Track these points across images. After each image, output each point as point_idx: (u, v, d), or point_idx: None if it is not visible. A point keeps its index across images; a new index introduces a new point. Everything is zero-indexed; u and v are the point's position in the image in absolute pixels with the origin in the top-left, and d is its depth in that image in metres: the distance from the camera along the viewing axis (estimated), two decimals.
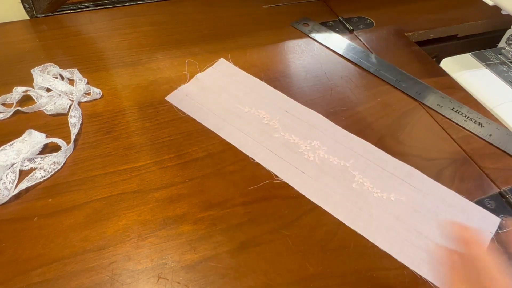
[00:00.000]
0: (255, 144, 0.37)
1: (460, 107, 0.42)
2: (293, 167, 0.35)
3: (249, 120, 0.39)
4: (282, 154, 0.36)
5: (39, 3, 0.53)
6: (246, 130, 0.38)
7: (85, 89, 0.42)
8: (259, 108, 0.40)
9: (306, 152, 0.36)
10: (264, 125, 0.39)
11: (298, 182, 0.34)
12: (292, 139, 0.37)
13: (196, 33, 0.53)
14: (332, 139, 0.37)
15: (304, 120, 0.39)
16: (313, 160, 0.35)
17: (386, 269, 0.29)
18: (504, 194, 0.34)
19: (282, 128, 0.38)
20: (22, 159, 0.34)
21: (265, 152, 0.36)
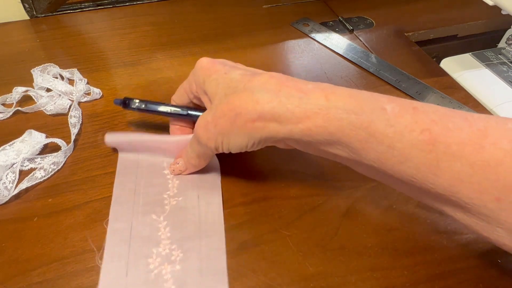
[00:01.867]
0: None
1: (460, 107, 0.42)
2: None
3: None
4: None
5: (39, 3, 0.54)
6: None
7: (85, 89, 0.42)
8: None
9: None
10: None
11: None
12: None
13: (196, 33, 0.53)
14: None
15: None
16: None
17: (386, 269, 0.29)
18: None
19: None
20: (22, 159, 0.34)
21: None
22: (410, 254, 0.29)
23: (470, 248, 0.30)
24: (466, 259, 0.29)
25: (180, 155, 0.33)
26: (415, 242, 0.30)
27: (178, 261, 0.28)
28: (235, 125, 0.25)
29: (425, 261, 0.29)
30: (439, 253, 0.30)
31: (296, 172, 0.35)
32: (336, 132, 0.23)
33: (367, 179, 0.35)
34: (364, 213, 0.32)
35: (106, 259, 0.28)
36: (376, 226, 0.31)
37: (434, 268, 0.29)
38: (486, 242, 0.30)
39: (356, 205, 0.33)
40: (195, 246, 0.28)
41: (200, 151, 0.30)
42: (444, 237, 0.31)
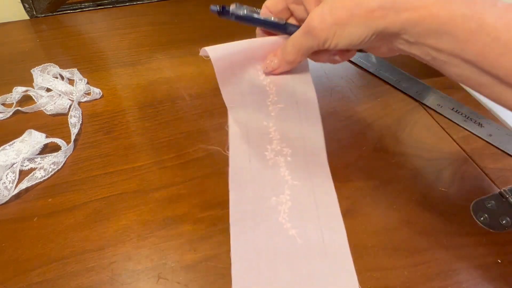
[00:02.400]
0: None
1: (460, 107, 0.42)
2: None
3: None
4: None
5: (39, 3, 0.54)
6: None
7: (85, 89, 0.42)
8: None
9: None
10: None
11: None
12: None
13: (196, 33, 0.53)
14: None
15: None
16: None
17: (386, 269, 0.29)
18: (504, 194, 0.34)
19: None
20: (22, 159, 0.34)
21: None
22: (410, 254, 0.29)
23: (470, 248, 0.30)
24: (466, 259, 0.29)
25: (275, 53, 0.33)
26: (415, 242, 0.30)
27: (289, 154, 0.33)
28: (354, 14, 0.26)
29: (425, 261, 0.29)
30: (439, 253, 0.30)
31: None
32: (448, 21, 0.24)
33: (367, 179, 0.35)
34: (364, 213, 0.32)
35: (232, 149, 0.33)
36: (376, 226, 0.31)
37: (434, 268, 0.29)
38: (486, 243, 0.30)
39: (356, 205, 0.33)
40: (300, 144, 0.34)
41: (303, 45, 0.30)
42: (444, 237, 0.31)
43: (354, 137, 0.39)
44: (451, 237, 0.31)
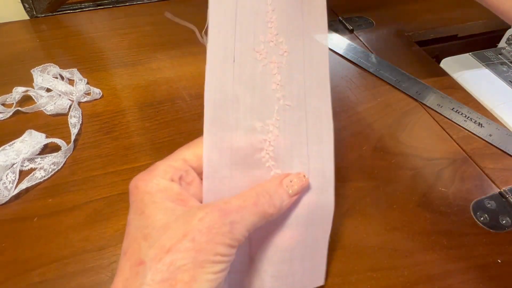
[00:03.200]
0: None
1: (460, 107, 0.42)
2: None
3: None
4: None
5: (39, 3, 0.54)
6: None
7: (85, 89, 0.42)
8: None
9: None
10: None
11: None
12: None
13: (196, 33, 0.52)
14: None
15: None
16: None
17: (386, 269, 0.29)
18: (504, 194, 0.34)
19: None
20: (22, 159, 0.34)
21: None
22: (410, 254, 0.29)
23: (470, 248, 0.30)
24: (466, 259, 0.29)
25: None
26: (415, 242, 0.30)
27: (285, 56, 0.25)
28: None
29: (425, 261, 0.29)
30: (439, 253, 0.30)
31: None
32: None
33: (367, 179, 0.35)
34: (364, 213, 0.32)
35: (212, 35, 0.24)
36: (376, 226, 0.31)
37: (434, 268, 0.29)
38: (486, 243, 0.30)
39: (356, 205, 0.33)
40: (299, 44, 0.26)
41: None
42: (444, 237, 0.31)
43: (354, 137, 0.39)
44: (451, 237, 0.31)
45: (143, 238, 0.20)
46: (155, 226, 0.20)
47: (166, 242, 0.19)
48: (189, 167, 0.23)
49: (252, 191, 0.22)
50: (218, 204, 0.21)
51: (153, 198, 0.21)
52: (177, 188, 0.22)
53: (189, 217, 0.20)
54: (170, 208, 0.20)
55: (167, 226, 0.20)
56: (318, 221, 0.26)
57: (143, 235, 0.20)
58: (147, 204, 0.21)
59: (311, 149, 0.25)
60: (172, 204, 0.21)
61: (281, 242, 0.25)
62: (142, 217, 0.20)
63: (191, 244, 0.19)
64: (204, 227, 0.19)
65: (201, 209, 0.20)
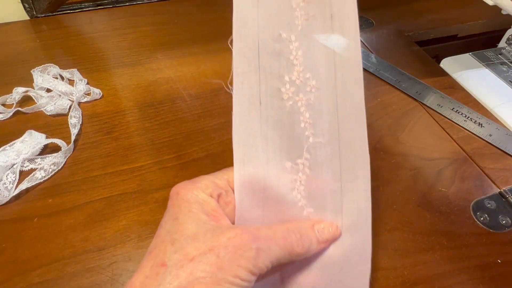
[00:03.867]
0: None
1: (460, 107, 0.42)
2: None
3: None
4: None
5: (39, 3, 0.54)
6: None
7: (85, 89, 0.42)
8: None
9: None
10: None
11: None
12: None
13: (196, 33, 0.53)
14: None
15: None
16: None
17: (386, 269, 0.29)
18: (504, 194, 0.34)
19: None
20: (22, 159, 0.34)
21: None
22: (410, 254, 0.29)
23: (470, 248, 0.30)
24: (466, 259, 0.29)
25: None
26: (415, 242, 0.30)
27: (313, 92, 0.24)
28: None
29: (425, 261, 0.29)
30: (439, 253, 0.30)
31: None
32: None
33: None
34: None
35: (237, 85, 0.24)
36: (376, 226, 0.31)
37: (434, 268, 0.29)
38: (486, 243, 0.30)
39: None
40: (330, 76, 0.24)
41: None
42: (444, 237, 0.31)
43: None
44: (451, 237, 0.31)
45: (171, 242, 0.20)
46: (184, 233, 0.20)
47: (192, 251, 0.19)
48: (230, 188, 0.24)
49: (284, 226, 0.23)
50: (249, 229, 0.21)
51: (190, 207, 0.22)
52: (214, 204, 0.22)
53: (219, 233, 0.20)
54: (203, 220, 0.21)
55: (196, 236, 0.20)
56: (354, 262, 0.25)
57: (172, 240, 0.20)
58: (183, 211, 0.21)
59: (345, 186, 0.25)
60: (206, 217, 0.21)
61: (314, 283, 0.25)
62: (175, 222, 0.21)
63: (214, 259, 0.19)
64: (231, 246, 0.20)
65: (232, 229, 0.21)
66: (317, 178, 0.24)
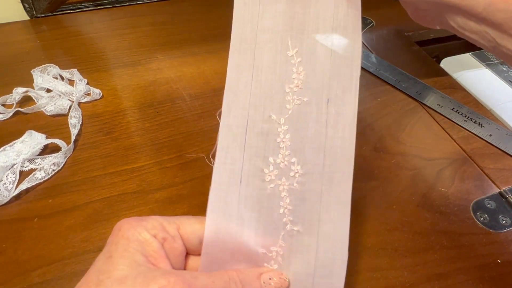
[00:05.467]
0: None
1: (460, 107, 0.42)
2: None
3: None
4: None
5: (39, 3, 0.54)
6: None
7: (85, 89, 0.42)
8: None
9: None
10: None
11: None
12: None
13: (196, 33, 0.53)
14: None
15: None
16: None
17: (386, 269, 0.29)
18: (504, 194, 0.34)
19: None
20: (22, 159, 0.34)
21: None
22: (410, 254, 0.29)
23: (470, 248, 0.30)
24: (466, 259, 0.29)
25: None
26: (415, 242, 0.30)
27: (297, 177, 0.24)
28: None
29: (425, 261, 0.29)
30: (439, 253, 0.30)
31: None
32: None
33: (367, 179, 0.35)
34: (364, 213, 0.32)
35: (220, 156, 0.24)
36: (376, 226, 0.31)
37: (434, 268, 0.29)
38: (486, 243, 0.30)
39: (356, 205, 0.32)
40: (318, 163, 0.24)
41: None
42: (444, 237, 0.31)
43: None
44: (451, 237, 0.31)
45: (96, 284, 0.19)
46: (113, 275, 0.19)
47: None
48: (178, 235, 0.22)
49: (225, 274, 0.22)
50: (185, 276, 0.20)
51: (127, 246, 0.20)
52: (156, 246, 0.21)
53: (151, 278, 0.19)
54: (138, 262, 0.20)
55: (124, 280, 0.19)
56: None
57: (98, 281, 0.19)
58: (118, 250, 0.20)
59: (317, 282, 0.23)
60: (143, 258, 0.20)
61: None
62: (108, 261, 0.20)
63: None
64: None
65: (166, 276, 0.19)
66: (289, 270, 0.23)
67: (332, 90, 0.24)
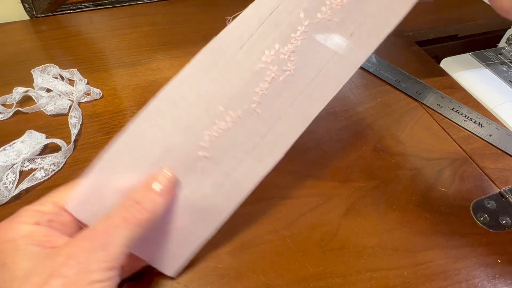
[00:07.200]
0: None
1: (460, 107, 0.42)
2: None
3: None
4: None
5: (39, 3, 0.54)
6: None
7: (85, 89, 0.42)
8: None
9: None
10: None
11: None
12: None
13: (196, 33, 0.53)
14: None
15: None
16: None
17: (386, 269, 0.29)
18: (504, 194, 0.34)
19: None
20: (22, 159, 0.34)
21: None
22: (410, 254, 0.29)
23: (470, 248, 0.30)
24: (466, 259, 0.29)
25: None
26: (415, 242, 0.30)
27: (285, 74, 0.26)
28: None
29: (425, 261, 0.29)
30: (439, 253, 0.30)
31: (296, 172, 0.35)
32: None
33: (367, 179, 0.35)
34: (364, 213, 0.32)
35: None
36: (376, 226, 0.31)
37: (434, 268, 0.29)
38: (486, 243, 0.30)
39: (356, 205, 0.33)
40: (310, 75, 0.26)
41: None
42: (444, 237, 0.31)
43: (354, 137, 0.39)
44: (451, 237, 0.31)
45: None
46: (17, 276, 0.19)
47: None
48: (59, 209, 0.22)
49: (118, 206, 0.22)
50: (84, 234, 0.20)
51: (16, 245, 0.20)
52: (44, 231, 0.21)
53: (55, 255, 0.19)
54: (35, 252, 0.19)
55: (30, 273, 0.18)
56: (206, 219, 0.26)
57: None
58: (9, 255, 0.19)
59: (250, 157, 0.26)
60: (38, 248, 0.20)
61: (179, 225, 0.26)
62: (4, 269, 0.19)
63: (60, 281, 0.18)
64: (72, 260, 0.19)
65: (67, 244, 0.19)
66: (228, 139, 0.26)
67: (360, 26, 0.26)
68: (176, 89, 0.26)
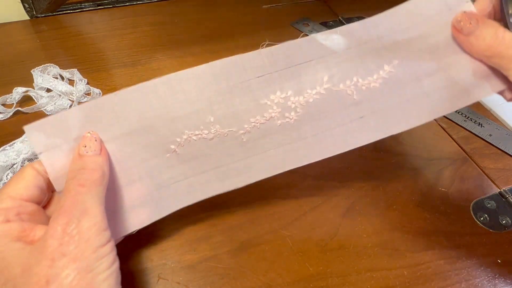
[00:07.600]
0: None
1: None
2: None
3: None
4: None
5: (39, 3, 0.54)
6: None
7: (85, 89, 0.42)
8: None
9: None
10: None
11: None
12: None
13: (196, 33, 0.53)
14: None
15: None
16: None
17: (386, 269, 0.29)
18: (504, 194, 0.34)
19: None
20: (22, 159, 0.34)
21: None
22: (410, 254, 0.29)
23: (470, 248, 0.30)
24: (466, 259, 0.29)
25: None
26: (415, 242, 0.30)
27: (285, 121, 0.27)
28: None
29: (425, 261, 0.29)
30: (439, 253, 0.30)
31: (296, 172, 0.35)
32: None
33: (367, 179, 0.35)
34: (364, 213, 0.32)
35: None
36: (376, 226, 0.31)
37: (434, 268, 0.29)
38: (486, 243, 0.30)
39: (356, 205, 0.33)
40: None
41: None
42: (444, 237, 0.31)
43: None
44: (451, 237, 0.31)
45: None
46: (16, 275, 0.19)
47: (41, 277, 0.18)
48: (20, 201, 0.22)
49: (68, 180, 0.22)
50: (58, 213, 0.20)
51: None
52: (18, 226, 0.21)
53: (44, 243, 0.19)
54: (20, 248, 0.20)
55: (28, 265, 0.19)
56: (151, 207, 0.27)
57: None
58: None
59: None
60: (20, 243, 0.20)
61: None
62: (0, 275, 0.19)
63: (65, 260, 0.18)
64: (64, 237, 0.19)
65: (49, 230, 0.19)
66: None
67: (372, 115, 0.29)
68: (181, 80, 0.25)
